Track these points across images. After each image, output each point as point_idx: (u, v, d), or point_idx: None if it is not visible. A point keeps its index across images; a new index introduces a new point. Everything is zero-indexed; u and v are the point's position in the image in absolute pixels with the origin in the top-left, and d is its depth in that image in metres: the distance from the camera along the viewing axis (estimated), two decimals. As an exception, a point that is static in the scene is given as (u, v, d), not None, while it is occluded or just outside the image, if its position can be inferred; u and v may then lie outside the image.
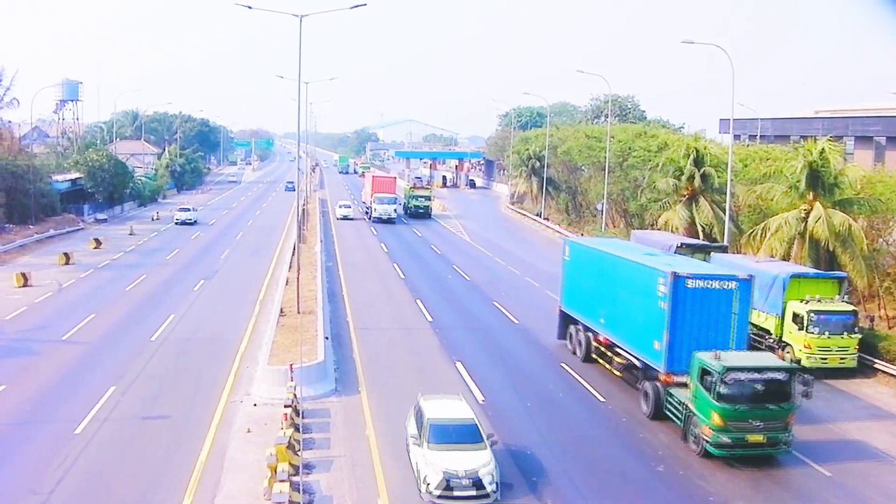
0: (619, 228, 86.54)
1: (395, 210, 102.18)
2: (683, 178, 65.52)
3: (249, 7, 48.00)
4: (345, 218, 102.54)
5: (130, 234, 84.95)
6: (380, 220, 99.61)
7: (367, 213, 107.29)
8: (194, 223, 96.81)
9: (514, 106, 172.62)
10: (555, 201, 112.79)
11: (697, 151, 65.65)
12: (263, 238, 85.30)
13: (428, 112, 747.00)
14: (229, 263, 69.01)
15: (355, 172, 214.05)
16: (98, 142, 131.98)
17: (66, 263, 64.95)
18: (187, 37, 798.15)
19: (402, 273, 64.82)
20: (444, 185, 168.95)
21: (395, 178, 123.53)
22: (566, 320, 43.33)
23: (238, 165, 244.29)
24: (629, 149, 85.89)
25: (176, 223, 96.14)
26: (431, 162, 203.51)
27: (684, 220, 63.46)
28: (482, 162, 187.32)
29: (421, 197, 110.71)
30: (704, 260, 50.30)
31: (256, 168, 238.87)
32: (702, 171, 64.42)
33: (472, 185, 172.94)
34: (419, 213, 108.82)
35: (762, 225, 50.99)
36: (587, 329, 40.24)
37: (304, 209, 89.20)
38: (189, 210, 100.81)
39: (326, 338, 40.58)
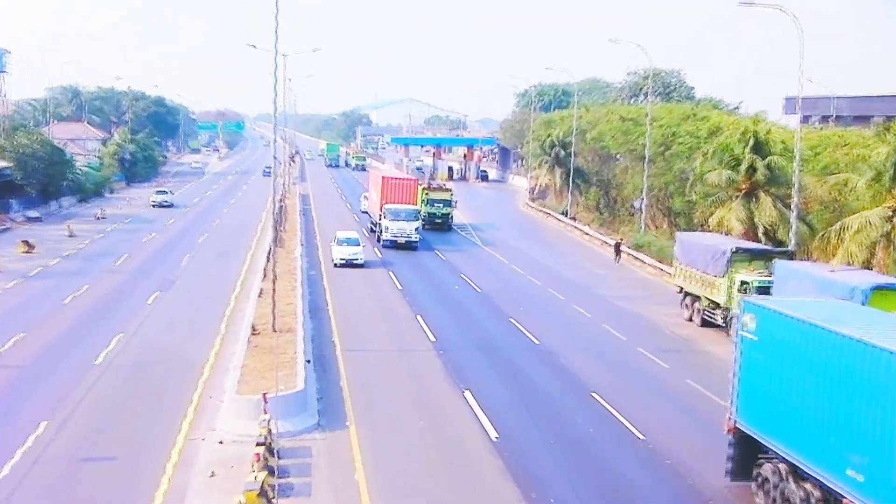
0: (661, 230, 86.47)
1: (416, 229, 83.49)
2: (741, 168, 65.36)
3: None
4: (350, 264, 71.82)
5: (69, 236, 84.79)
6: (393, 244, 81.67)
7: (372, 230, 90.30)
8: (171, 206, 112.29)
9: (535, 83, 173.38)
10: (584, 197, 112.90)
11: (757, 136, 65.52)
12: (232, 241, 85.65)
13: (431, 91, 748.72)
14: (190, 271, 69.07)
15: (347, 165, 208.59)
16: (29, 123, 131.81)
17: (-11, 271, 64.74)
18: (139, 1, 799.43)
19: (398, 283, 64.90)
20: (451, 177, 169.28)
21: (416, 181, 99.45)
22: (749, 447, 29.40)
23: (202, 153, 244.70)
24: (674, 134, 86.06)
25: (152, 205, 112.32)
26: (435, 150, 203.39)
27: (741, 219, 63.35)
28: (496, 150, 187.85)
29: (438, 202, 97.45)
30: (766, 268, 50.29)
31: (224, 156, 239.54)
32: (763, 160, 64.17)
33: (485, 177, 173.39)
34: (435, 223, 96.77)
35: (838, 225, 50.82)
36: (807, 477, 26.24)
37: (281, 206, 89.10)
38: (165, 192, 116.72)
39: (308, 361, 40.38)
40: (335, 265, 71.27)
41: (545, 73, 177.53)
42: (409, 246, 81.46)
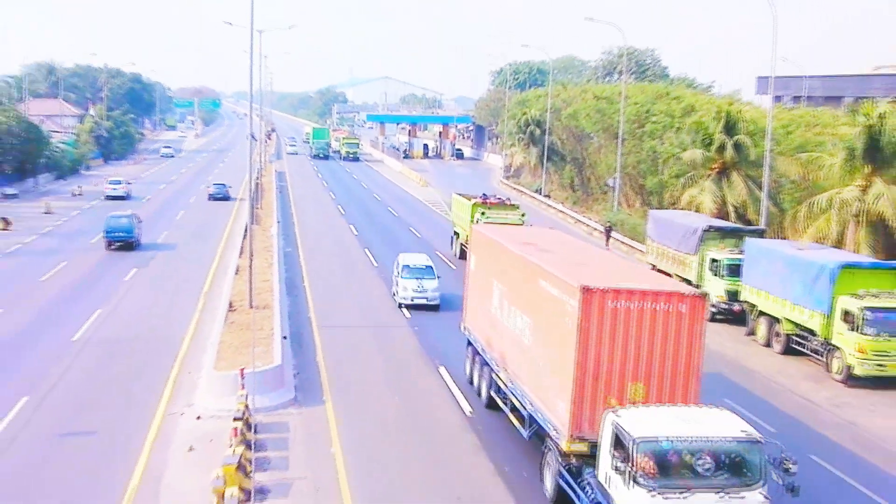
0: (634, 209, 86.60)
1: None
2: (713, 147, 65.54)
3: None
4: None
5: (46, 213, 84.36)
6: None
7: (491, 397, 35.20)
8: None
9: (510, 61, 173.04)
10: (558, 175, 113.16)
11: (729, 116, 65.70)
12: (209, 218, 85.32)
13: (407, 69, 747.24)
14: (168, 248, 68.95)
15: (349, 157, 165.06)
16: (5, 100, 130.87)
17: (-33, 248, 64.47)
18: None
19: (374, 260, 65.09)
20: (426, 155, 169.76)
21: (698, 302, 26.58)
22: None
23: (178, 130, 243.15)
24: (647, 113, 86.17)
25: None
26: (410, 127, 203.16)
27: (714, 198, 63.66)
28: (471, 128, 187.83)
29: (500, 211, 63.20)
30: (736, 246, 50.73)
31: (200, 133, 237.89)
32: (734, 139, 64.43)
33: (460, 155, 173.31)
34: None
35: (808, 203, 51.13)
36: None
37: (257, 184, 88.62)
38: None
39: (284, 337, 40.60)
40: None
41: (521, 51, 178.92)
42: None
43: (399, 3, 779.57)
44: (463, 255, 60.34)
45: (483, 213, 61.84)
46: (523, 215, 63.67)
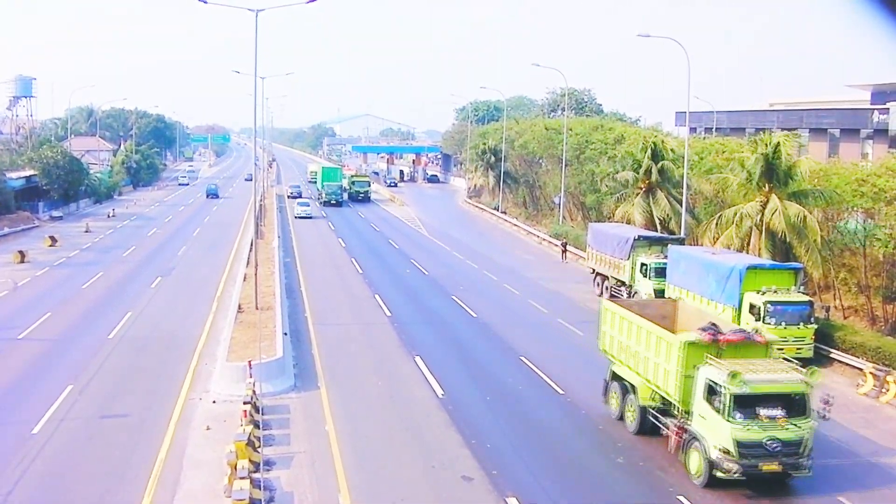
0: (576, 222, 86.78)
1: None
2: (641, 171, 65.75)
3: (205, 1, 47.72)
4: None
5: (86, 232, 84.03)
6: None
7: None
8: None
9: (471, 100, 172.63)
10: (512, 195, 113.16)
11: (654, 145, 65.93)
12: (220, 234, 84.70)
13: (384, 107, 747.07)
14: (186, 260, 68.61)
15: (359, 197, 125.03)
16: (52, 138, 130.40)
17: (22, 262, 64.07)
18: (143, 32, 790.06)
19: (359, 268, 64.70)
20: (402, 179, 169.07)
21: None
22: None
23: (195, 161, 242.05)
24: (586, 142, 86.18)
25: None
26: (388, 156, 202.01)
27: (642, 212, 63.81)
28: (439, 156, 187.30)
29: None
30: (661, 252, 50.94)
31: (213, 164, 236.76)
32: (661, 164, 64.63)
33: (434, 179, 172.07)
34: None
35: (718, 216, 51.42)
36: None
37: (261, 205, 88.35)
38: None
39: (285, 334, 40.42)
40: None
41: (480, 92, 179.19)
42: None
43: (376, 51, 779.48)
44: (653, 430, 29.39)
45: (735, 377, 25.07)
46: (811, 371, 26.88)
